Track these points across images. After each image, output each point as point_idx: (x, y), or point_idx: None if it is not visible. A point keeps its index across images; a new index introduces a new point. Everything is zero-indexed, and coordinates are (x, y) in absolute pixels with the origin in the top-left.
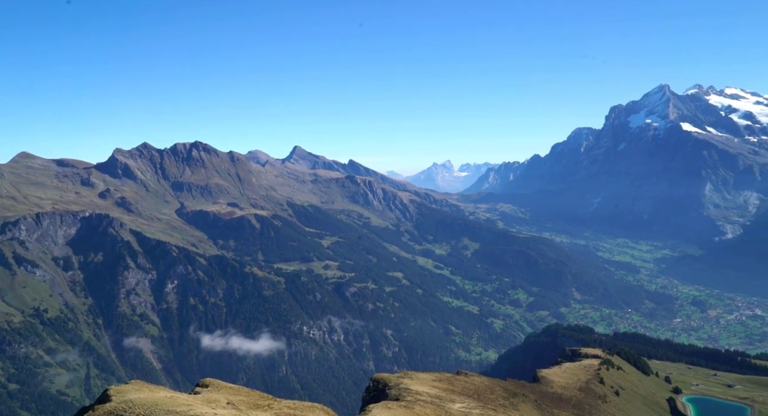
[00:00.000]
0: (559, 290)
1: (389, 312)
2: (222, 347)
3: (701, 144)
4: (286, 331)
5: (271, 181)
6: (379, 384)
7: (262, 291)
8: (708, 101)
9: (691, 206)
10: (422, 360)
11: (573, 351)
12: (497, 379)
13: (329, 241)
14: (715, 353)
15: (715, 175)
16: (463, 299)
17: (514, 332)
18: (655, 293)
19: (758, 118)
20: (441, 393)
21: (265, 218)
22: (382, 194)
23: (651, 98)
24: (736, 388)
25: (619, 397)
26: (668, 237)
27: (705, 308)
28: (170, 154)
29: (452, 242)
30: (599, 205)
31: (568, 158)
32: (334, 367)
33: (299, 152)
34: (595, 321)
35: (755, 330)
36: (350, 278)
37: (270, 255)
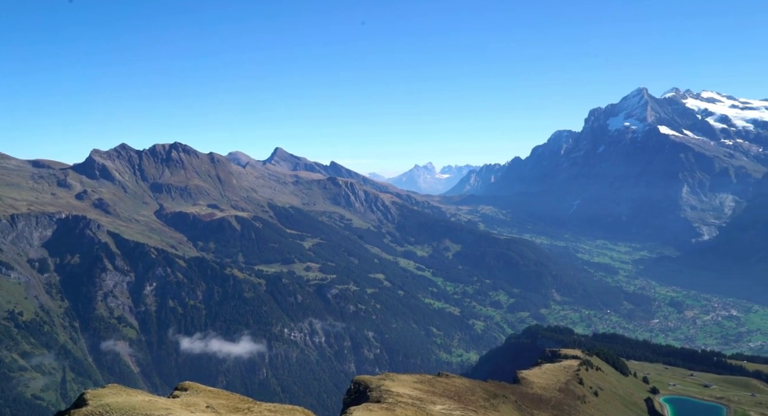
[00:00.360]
0: (540, 291)
1: (371, 314)
2: (201, 350)
3: (678, 147)
4: (267, 333)
5: (252, 182)
6: (360, 386)
7: (243, 293)
8: (685, 105)
9: (669, 208)
10: (404, 362)
11: (553, 352)
12: (478, 380)
13: (311, 243)
14: (691, 353)
15: (691, 177)
16: (445, 300)
17: (495, 333)
18: (634, 294)
19: (734, 121)
20: (422, 395)
21: (245, 219)
22: (364, 195)
23: (629, 101)
24: (713, 388)
25: (598, 398)
26: (646, 239)
27: (682, 309)
28: (149, 155)
29: (434, 243)
30: (579, 207)
31: (548, 160)
32: (315, 369)
33: (280, 153)
34: (575, 322)
35: (731, 330)
36: (332, 279)
37: (251, 257)
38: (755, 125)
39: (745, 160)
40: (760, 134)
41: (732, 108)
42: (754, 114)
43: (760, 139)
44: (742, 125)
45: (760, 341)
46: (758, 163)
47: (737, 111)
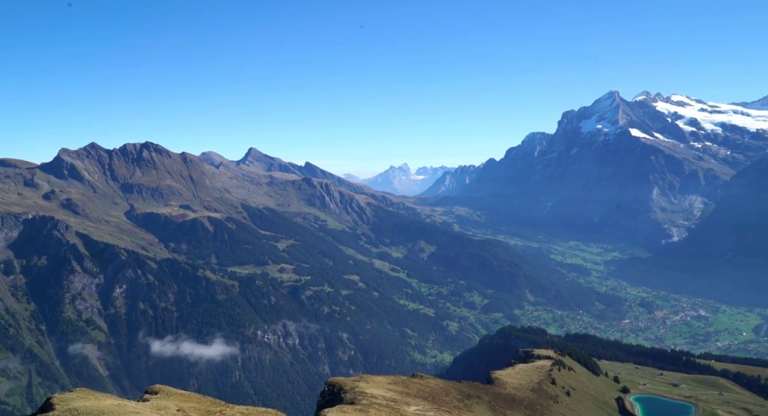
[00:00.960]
0: (513, 292)
1: (345, 315)
2: (173, 352)
3: (649, 149)
4: (240, 336)
5: (226, 183)
6: (334, 387)
7: (216, 295)
8: (655, 108)
9: (640, 210)
10: (378, 363)
11: (526, 353)
12: (452, 381)
13: (285, 244)
14: (661, 353)
15: (662, 179)
16: (419, 301)
17: (469, 334)
18: (605, 294)
19: (702, 124)
20: (396, 396)
21: (218, 220)
22: (339, 196)
23: (601, 104)
24: (682, 387)
25: (570, 397)
26: (618, 240)
27: (652, 309)
28: (119, 154)
29: (409, 244)
30: (552, 208)
31: (522, 162)
32: (288, 371)
33: (254, 153)
34: (548, 322)
35: (699, 330)
36: (306, 281)
37: (224, 258)
38: (723, 128)
39: (714, 162)
40: (728, 137)
41: (701, 112)
42: (722, 118)
43: (727, 142)
44: (710, 129)
45: (728, 340)
46: (726, 165)
47: (706, 114)
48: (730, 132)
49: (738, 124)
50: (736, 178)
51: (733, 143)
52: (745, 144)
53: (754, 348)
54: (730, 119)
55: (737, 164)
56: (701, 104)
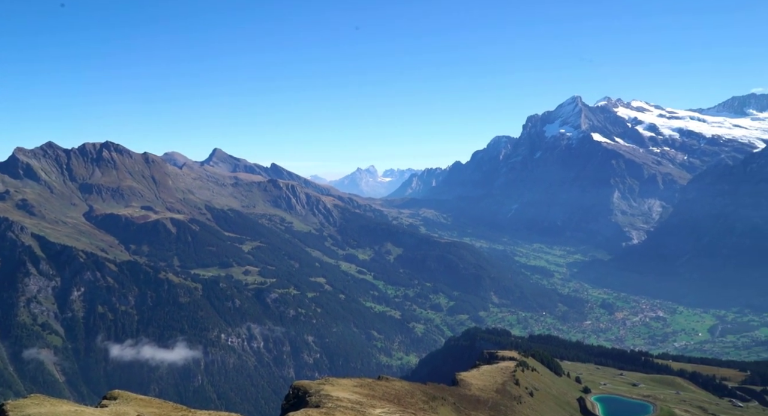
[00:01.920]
0: (479, 294)
1: (311, 318)
2: (133, 357)
3: (610, 154)
4: (203, 339)
5: (189, 184)
6: (299, 391)
7: (178, 298)
8: (616, 113)
9: (601, 213)
10: (344, 366)
11: (491, 354)
12: (418, 383)
13: (250, 246)
14: (621, 353)
15: (622, 183)
16: (386, 304)
17: (435, 336)
18: (568, 296)
19: (661, 130)
20: (362, 399)
21: (181, 222)
22: (306, 198)
23: (565, 109)
24: (640, 387)
25: (533, 398)
26: (580, 242)
27: (613, 310)
28: (78, 154)
29: (375, 247)
30: (517, 211)
31: (488, 165)
32: (252, 375)
33: (219, 154)
34: (512, 324)
35: (657, 331)
36: (271, 283)
37: (187, 261)
38: (681, 133)
39: (672, 167)
40: (685, 143)
41: (659, 117)
42: (680, 123)
43: (685, 147)
44: (668, 134)
45: (684, 341)
46: (683, 170)
47: (664, 120)
48: (687, 138)
49: (695, 130)
50: (693, 182)
51: (689, 148)
52: (701, 149)
53: (709, 348)
54: (687, 125)
55: (694, 169)
56: (660, 109)
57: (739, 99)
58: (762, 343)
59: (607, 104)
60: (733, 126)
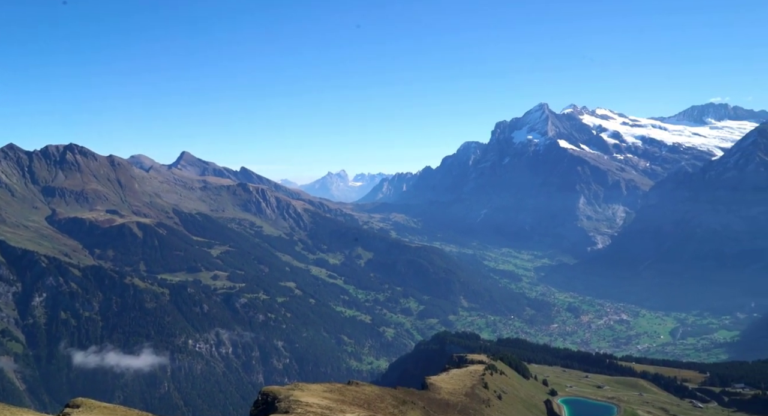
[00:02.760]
0: (448, 298)
1: (281, 323)
2: (97, 364)
3: (576, 160)
4: (170, 345)
5: (156, 187)
6: (268, 397)
7: (144, 303)
8: (581, 121)
9: (567, 218)
10: (314, 371)
11: (460, 358)
12: (387, 388)
13: (219, 250)
14: (586, 356)
15: (587, 189)
16: (356, 308)
17: (405, 340)
18: (535, 300)
19: (624, 137)
20: (332, 404)
21: (148, 226)
22: (276, 202)
23: (532, 116)
24: (605, 389)
25: (502, 401)
26: (547, 247)
27: (578, 313)
28: (41, 156)
29: (346, 251)
30: (486, 216)
31: (457, 170)
32: (221, 381)
33: (187, 157)
34: (481, 327)
35: (621, 333)
36: (240, 288)
37: (153, 265)
38: (643, 141)
39: (635, 173)
40: (647, 150)
41: (623, 125)
42: (642, 131)
43: (647, 154)
44: (631, 141)
45: (647, 343)
46: (646, 176)
47: (627, 128)
48: (649, 145)
49: (656, 137)
50: (655, 189)
51: (651, 156)
52: (662, 157)
53: (671, 350)
54: (649, 133)
55: (656, 176)
56: (623, 117)
57: (698, 108)
58: (720, 345)
59: (573, 112)
60: (693, 134)
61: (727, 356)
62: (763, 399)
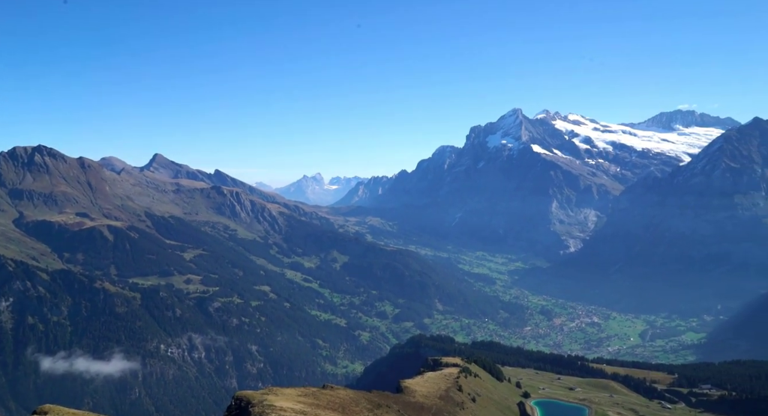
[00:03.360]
0: (423, 301)
1: (255, 327)
2: (66, 370)
3: (549, 165)
4: (141, 350)
5: (128, 190)
6: (241, 402)
7: (115, 308)
8: (554, 126)
9: (540, 222)
10: (288, 376)
11: (435, 361)
12: (362, 391)
13: (192, 254)
14: (559, 358)
15: (560, 193)
16: (331, 312)
17: (380, 343)
18: (509, 303)
19: (596, 143)
20: (306, 409)
21: (119, 229)
22: (250, 205)
23: (506, 121)
24: (577, 391)
25: (476, 403)
26: (521, 250)
27: (551, 316)
28: (8, 158)
29: (321, 254)
30: (461, 219)
31: (433, 174)
32: (193, 386)
33: (160, 160)
34: (456, 330)
35: (593, 336)
36: (214, 292)
37: (125, 269)
38: (614, 146)
39: (605, 178)
40: (618, 155)
41: (594, 130)
42: (613, 137)
43: (617, 159)
44: (602, 147)
45: (617, 345)
46: (616, 181)
47: (599, 133)
48: (619, 150)
49: (626, 143)
50: (625, 193)
51: (622, 161)
52: (632, 162)
53: (640, 352)
54: (619, 139)
55: (626, 181)
56: (594, 123)
57: (666, 115)
58: (688, 347)
59: (546, 117)
60: (662, 140)
61: (695, 357)
62: (729, 399)
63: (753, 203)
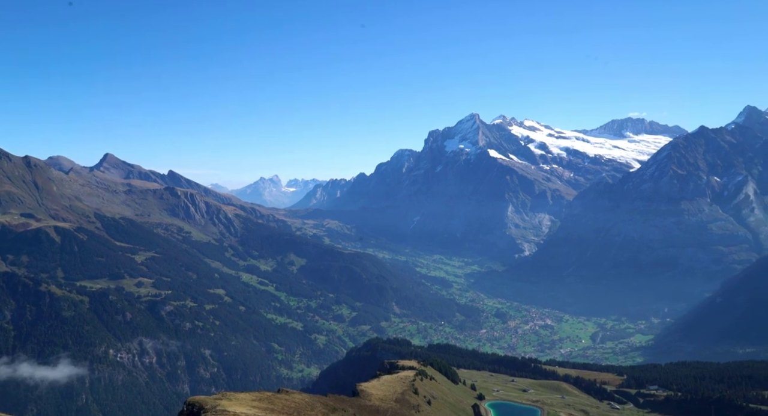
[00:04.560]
0: (381, 304)
1: (209, 331)
2: (9, 375)
3: (505, 170)
4: (89, 355)
5: (77, 190)
6: (193, 407)
7: (61, 312)
8: (510, 131)
9: (496, 226)
10: (243, 380)
11: (391, 364)
12: (318, 395)
13: (144, 256)
14: (513, 360)
15: (515, 198)
16: (288, 315)
17: (337, 347)
18: (465, 306)
19: (550, 148)
20: (260, 413)
21: (67, 230)
22: (205, 207)
23: (464, 125)
24: (530, 392)
25: (431, 406)
26: (477, 254)
27: (506, 319)
28: None
29: (278, 257)
30: (419, 223)
31: (391, 177)
32: (143, 392)
33: (111, 159)
34: (413, 333)
35: (546, 338)
36: (166, 295)
37: (72, 272)
38: (567, 152)
39: (560, 183)
40: (571, 161)
41: (549, 136)
42: (567, 143)
43: (571, 165)
44: (557, 152)
45: (569, 347)
46: (570, 186)
47: (553, 139)
48: (573, 156)
49: (580, 149)
50: (577, 198)
51: (575, 166)
52: (585, 168)
53: (591, 354)
54: (573, 145)
55: (579, 186)
56: (549, 129)
57: (618, 122)
58: (637, 349)
59: (503, 122)
60: (613, 147)
61: (643, 359)
62: (674, 399)
63: (698, 209)
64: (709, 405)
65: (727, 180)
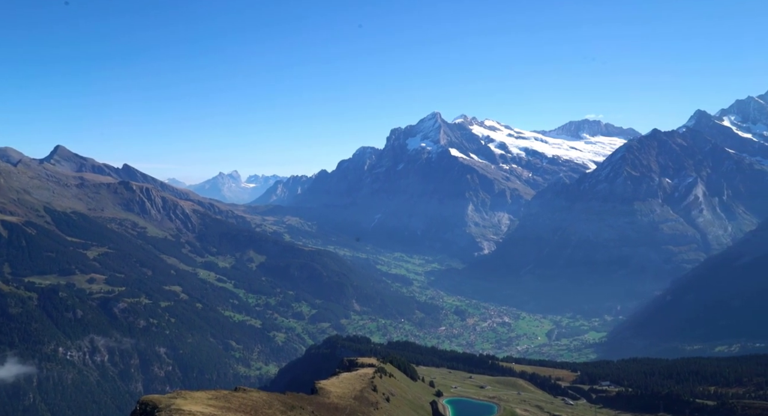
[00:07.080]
0: (341, 302)
1: (164, 329)
2: None
3: (465, 169)
4: (37, 353)
5: (25, 183)
6: (147, 406)
7: (8, 309)
8: (471, 131)
9: (457, 224)
10: (198, 378)
11: (351, 361)
12: (276, 393)
13: (96, 252)
14: (471, 357)
15: (476, 197)
16: (246, 312)
17: (296, 344)
18: (425, 303)
19: (510, 148)
20: (216, 412)
21: (15, 224)
22: (162, 202)
23: (426, 124)
24: (487, 389)
25: (390, 403)
26: (437, 252)
27: (465, 316)
28: None
29: (237, 254)
30: (380, 220)
31: (353, 174)
32: (94, 391)
33: (62, 152)
34: (372, 331)
35: (503, 335)
36: (120, 292)
37: (20, 268)
38: (526, 153)
39: (519, 183)
40: (530, 161)
41: (509, 136)
42: (526, 143)
43: (530, 165)
44: (516, 152)
45: (526, 344)
46: (528, 186)
47: (513, 139)
48: (531, 156)
49: (538, 150)
50: (536, 198)
51: (534, 167)
52: (543, 168)
53: (547, 351)
54: (531, 145)
55: (537, 186)
56: (509, 129)
57: (575, 124)
58: (590, 345)
59: (464, 122)
60: (570, 148)
61: (596, 355)
62: (625, 395)
63: (650, 210)
64: (658, 401)
65: (678, 182)
